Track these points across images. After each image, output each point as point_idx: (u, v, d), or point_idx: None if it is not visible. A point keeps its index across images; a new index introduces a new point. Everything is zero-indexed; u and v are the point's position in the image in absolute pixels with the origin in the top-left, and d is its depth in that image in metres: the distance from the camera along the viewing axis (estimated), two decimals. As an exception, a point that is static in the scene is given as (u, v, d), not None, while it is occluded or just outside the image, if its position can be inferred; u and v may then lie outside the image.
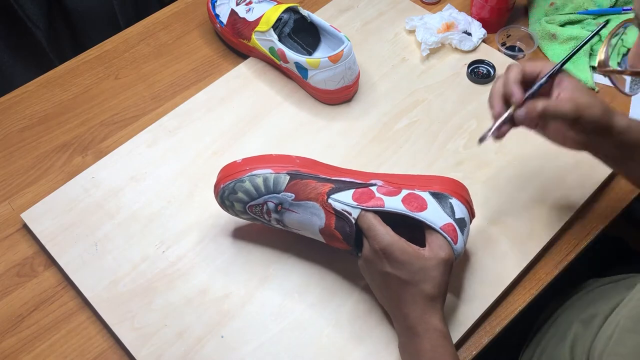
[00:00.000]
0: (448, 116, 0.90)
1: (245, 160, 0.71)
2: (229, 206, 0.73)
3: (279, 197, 0.69)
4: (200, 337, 0.72)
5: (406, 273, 0.62)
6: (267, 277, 0.76)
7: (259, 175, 0.69)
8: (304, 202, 0.68)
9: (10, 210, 0.83)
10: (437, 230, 0.64)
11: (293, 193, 0.68)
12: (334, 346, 0.71)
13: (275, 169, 0.69)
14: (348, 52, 0.85)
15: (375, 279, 0.66)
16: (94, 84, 0.96)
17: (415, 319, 0.62)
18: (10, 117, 0.92)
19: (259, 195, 0.70)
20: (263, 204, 0.70)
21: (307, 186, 0.68)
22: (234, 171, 0.70)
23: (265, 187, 0.69)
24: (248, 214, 0.72)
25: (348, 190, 0.67)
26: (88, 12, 1.32)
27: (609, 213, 0.82)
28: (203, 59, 0.99)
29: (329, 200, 0.67)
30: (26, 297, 0.76)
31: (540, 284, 0.76)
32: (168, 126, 0.89)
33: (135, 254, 0.78)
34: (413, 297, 0.62)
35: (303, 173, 0.69)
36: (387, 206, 0.65)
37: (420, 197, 0.66)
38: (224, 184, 0.71)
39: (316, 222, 0.68)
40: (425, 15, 0.99)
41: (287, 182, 0.69)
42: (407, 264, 0.62)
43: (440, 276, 0.62)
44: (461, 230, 0.66)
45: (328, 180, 0.69)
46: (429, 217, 0.65)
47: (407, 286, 0.62)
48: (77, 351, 0.73)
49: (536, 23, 1.01)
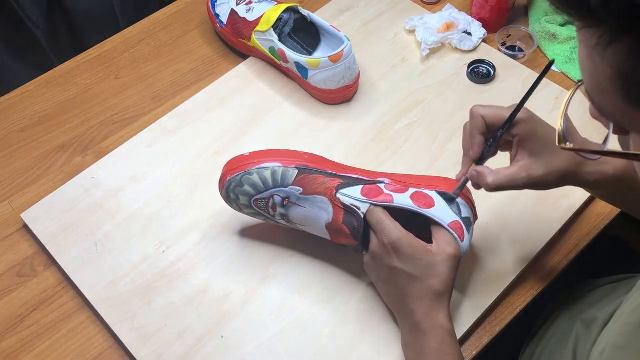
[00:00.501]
0: (448, 116, 0.90)
1: (253, 154, 0.70)
2: (234, 200, 0.72)
3: (287, 191, 0.69)
4: (200, 337, 0.72)
5: (414, 268, 0.62)
6: (267, 277, 0.76)
7: (267, 168, 0.69)
8: (311, 197, 0.68)
9: (10, 210, 0.83)
10: (445, 227, 0.64)
11: (301, 187, 0.68)
12: (334, 346, 0.71)
13: (284, 163, 0.69)
14: (348, 52, 0.85)
15: (382, 274, 0.66)
16: (94, 84, 0.96)
17: (422, 316, 0.62)
18: (10, 117, 0.92)
19: (266, 189, 0.69)
20: (269, 198, 0.70)
21: (316, 181, 0.68)
22: (241, 164, 0.70)
23: (273, 180, 0.69)
24: (253, 208, 0.72)
25: (357, 186, 0.68)
26: (88, 12, 1.32)
27: (609, 213, 0.82)
28: (203, 59, 0.99)
29: (338, 195, 0.67)
30: (26, 297, 0.76)
31: (540, 284, 0.76)
32: (168, 126, 0.89)
33: (135, 254, 0.78)
34: (420, 292, 0.62)
35: (311, 168, 0.69)
36: (396, 202, 0.66)
37: (428, 195, 0.66)
38: (230, 176, 0.70)
39: (323, 216, 0.68)
40: (425, 15, 0.99)
41: (296, 176, 0.68)
42: (416, 259, 0.62)
43: (447, 272, 0.62)
44: (467, 228, 0.66)
45: (336, 175, 0.69)
46: (437, 214, 0.65)
47: (414, 281, 0.62)
48: (77, 351, 0.73)
49: (536, 23, 1.01)
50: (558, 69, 0.97)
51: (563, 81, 0.95)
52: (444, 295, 0.63)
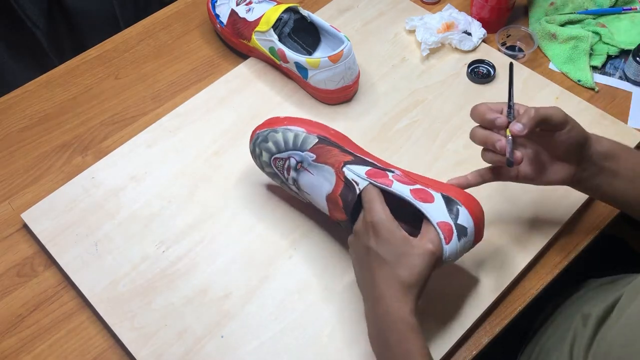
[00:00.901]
0: (448, 116, 0.90)
1: (287, 117, 0.75)
2: (258, 155, 0.76)
3: (302, 155, 0.72)
4: (200, 337, 0.72)
5: (387, 252, 0.62)
6: (267, 277, 0.76)
7: (292, 130, 0.73)
8: (321, 165, 0.71)
9: (10, 210, 0.83)
10: (433, 224, 0.63)
11: (315, 154, 0.71)
12: (334, 346, 0.71)
13: (309, 130, 0.73)
14: (348, 52, 0.85)
15: (359, 254, 0.66)
16: (94, 84, 0.96)
17: (386, 305, 0.61)
18: (10, 117, 0.92)
19: (286, 149, 0.73)
20: (287, 159, 0.73)
21: (330, 152, 0.71)
22: (272, 122, 0.75)
23: (293, 142, 0.73)
24: (271, 167, 0.76)
25: (365, 166, 0.69)
26: (88, 12, 1.32)
27: (609, 213, 0.82)
28: (203, 59, 0.99)
29: (344, 168, 0.69)
30: (26, 297, 0.76)
31: (540, 284, 0.76)
32: (168, 126, 0.89)
33: (135, 254, 0.78)
34: (388, 279, 0.62)
35: (331, 141, 0.72)
36: (394, 188, 0.66)
37: (430, 193, 0.66)
38: (259, 131, 0.75)
39: (326, 187, 0.70)
40: (425, 15, 0.99)
41: (314, 144, 0.72)
42: (392, 245, 0.62)
43: (420, 266, 0.61)
44: (459, 235, 0.64)
45: (351, 153, 0.71)
46: (430, 210, 0.64)
47: (384, 266, 0.62)
48: (77, 351, 0.73)
49: (536, 23, 1.01)
50: (558, 69, 0.97)
51: (563, 81, 0.95)
52: (412, 289, 0.61)
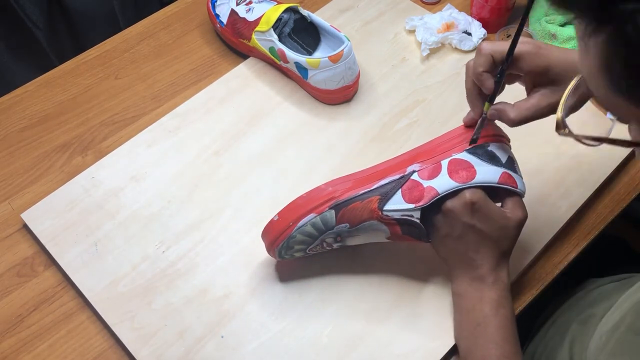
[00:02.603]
0: (448, 116, 0.90)
1: (283, 215, 0.69)
2: (290, 257, 0.73)
3: (335, 232, 0.68)
4: (200, 337, 0.72)
5: (490, 228, 0.65)
6: (267, 277, 0.76)
7: (306, 223, 0.68)
8: (361, 225, 0.68)
9: (10, 210, 0.83)
10: (495, 185, 0.65)
11: (346, 223, 0.68)
12: (334, 346, 0.71)
13: (317, 210, 0.67)
14: (348, 52, 0.85)
15: (455, 230, 0.67)
16: (94, 84, 0.96)
17: (487, 270, 0.67)
18: (10, 117, 0.92)
19: (314, 239, 0.69)
20: (322, 241, 0.70)
21: (355, 209, 0.67)
22: (279, 232, 0.69)
23: (317, 230, 0.68)
24: (309, 254, 0.73)
25: (395, 193, 0.66)
26: (88, 12, 1.32)
27: (609, 213, 0.82)
28: (203, 59, 0.99)
29: (384, 213, 0.66)
30: (26, 297, 0.76)
31: (540, 284, 0.76)
32: (168, 126, 0.89)
33: (135, 254, 0.78)
34: (490, 250, 0.66)
35: (343, 200, 0.67)
36: (440, 191, 0.65)
37: (462, 161, 0.66)
38: (277, 247, 0.70)
39: (381, 235, 0.69)
40: (425, 15, 0.99)
41: (335, 216, 0.68)
42: (492, 221, 0.65)
43: (516, 235, 0.67)
44: (514, 170, 0.67)
45: (369, 192, 0.67)
46: (483, 178, 0.65)
47: (486, 240, 0.66)
48: (77, 351, 0.73)
49: (536, 23, 1.01)
50: (558, 69, 0.96)
51: (563, 81, 0.95)
52: (508, 255, 0.68)
